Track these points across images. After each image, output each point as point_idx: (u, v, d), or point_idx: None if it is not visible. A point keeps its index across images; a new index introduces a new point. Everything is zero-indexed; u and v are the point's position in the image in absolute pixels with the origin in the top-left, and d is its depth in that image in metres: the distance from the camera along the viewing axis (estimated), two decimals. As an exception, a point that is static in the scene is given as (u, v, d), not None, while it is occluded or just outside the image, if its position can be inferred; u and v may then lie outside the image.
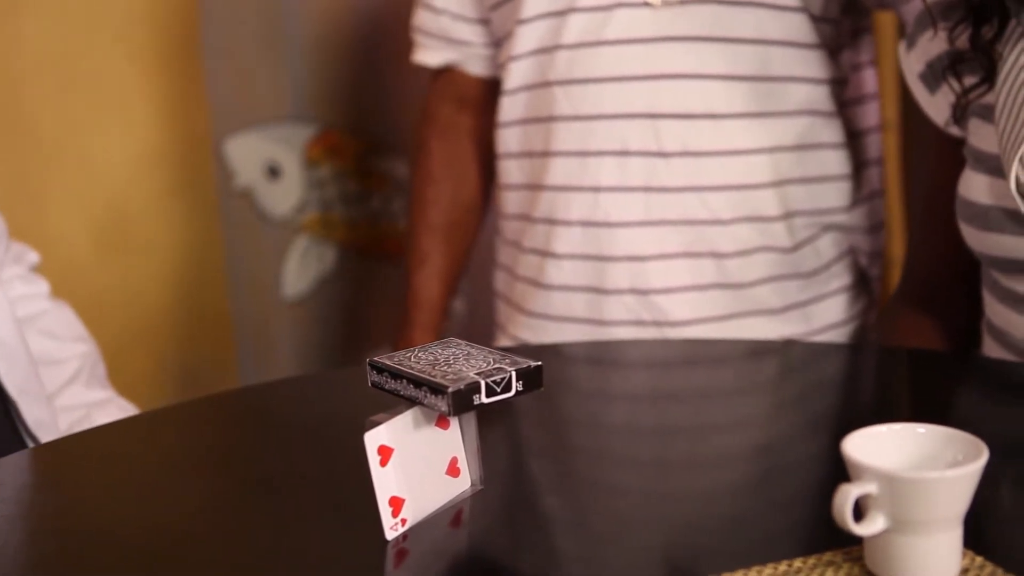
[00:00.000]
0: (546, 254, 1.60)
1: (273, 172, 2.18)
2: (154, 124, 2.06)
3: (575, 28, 1.54)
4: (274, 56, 2.14)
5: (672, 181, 1.52)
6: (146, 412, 1.30)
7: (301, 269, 2.23)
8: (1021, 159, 1.18)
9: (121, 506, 1.01)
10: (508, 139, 1.66)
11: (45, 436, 1.21)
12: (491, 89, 1.73)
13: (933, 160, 1.44)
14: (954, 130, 1.35)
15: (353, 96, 2.23)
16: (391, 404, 0.89)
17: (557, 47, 1.55)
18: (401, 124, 2.22)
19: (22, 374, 1.21)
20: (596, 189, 1.55)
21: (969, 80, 1.29)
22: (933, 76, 1.36)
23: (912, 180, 2.10)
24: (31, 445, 1.21)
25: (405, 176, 2.26)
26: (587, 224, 1.56)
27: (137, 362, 1.48)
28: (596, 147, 1.55)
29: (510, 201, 1.70)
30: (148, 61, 2.04)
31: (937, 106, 1.36)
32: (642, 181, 1.53)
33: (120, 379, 1.51)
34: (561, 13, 1.54)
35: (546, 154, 1.59)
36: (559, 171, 1.58)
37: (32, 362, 1.24)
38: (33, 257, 1.45)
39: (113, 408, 1.40)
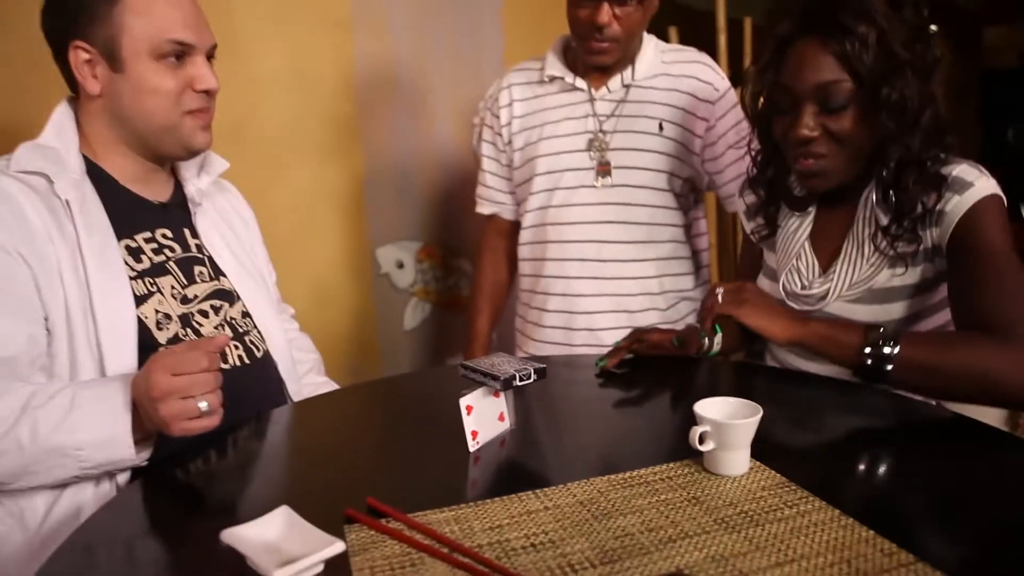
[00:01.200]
0: (543, 311, 1.60)
1: (400, 265, 2.15)
2: (342, 241, 2.03)
3: (559, 197, 1.54)
4: (402, 205, 2.11)
5: (609, 274, 1.53)
6: (343, 387, 1.31)
7: (413, 315, 2.19)
8: (784, 283, 1.18)
9: (335, 434, 1.04)
10: (524, 251, 1.64)
11: (296, 399, 1.21)
12: (516, 226, 1.70)
13: (745, 252, 1.39)
14: (755, 233, 1.31)
15: (441, 226, 2.20)
16: (466, 385, 0.92)
17: (549, 207, 1.55)
18: (466, 242, 2.21)
19: (288, 368, 1.21)
20: (568, 278, 1.55)
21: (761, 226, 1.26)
22: (747, 217, 1.32)
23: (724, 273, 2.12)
24: (282, 391, 1.21)
25: (468, 269, 2.24)
26: (564, 295, 1.56)
27: (330, 365, 1.49)
28: (569, 256, 1.55)
29: (524, 282, 1.68)
30: (340, 211, 2.01)
31: (748, 228, 1.32)
32: (592, 273, 1.53)
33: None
34: (551, 190, 1.54)
35: (543, 259, 1.59)
36: (550, 268, 1.57)
37: (293, 362, 1.24)
38: (292, 311, 1.44)
39: (327, 387, 1.36)
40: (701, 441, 0.80)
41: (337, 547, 0.65)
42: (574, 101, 1.54)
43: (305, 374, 1.33)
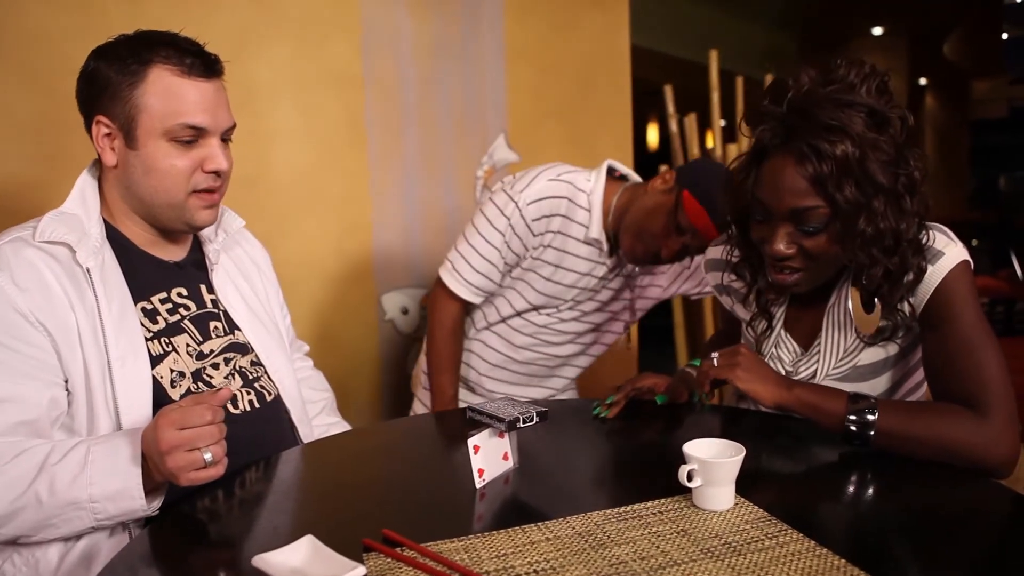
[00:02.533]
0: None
1: (404, 311, 2.18)
2: (350, 286, 2.07)
3: (559, 315, 1.69)
4: (407, 253, 2.17)
5: (564, 353, 1.73)
6: (355, 429, 1.34)
7: (415, 360, 2.16)
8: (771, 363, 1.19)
9: (349, 472, 1.09)
10: (493, 338, 1.72)
11: (307, 439, 1.24)
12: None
13: (725, 319, 1.42)
14: (735, 312, 1.32)
15: None
16: (473, 427, 0.98)
17: (549, 318, 1.70)
18: None
19: (299, 411, 1.25)
20: (535, 354, 1.72)
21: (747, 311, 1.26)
22: (719, 291, 1.34)
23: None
24: (292, 433, 1.22)
25: None
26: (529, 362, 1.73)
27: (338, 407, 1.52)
28: (542, 351, 1.72)
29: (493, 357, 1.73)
30: (348, 257, 2.07)
31: (726, 301, 1.34)
32: (554, 352, 1.72)
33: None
34: (550, 310, 1.68)
35: (528, 337, 1.71)
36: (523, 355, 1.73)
37: (303, 404, 1.27)
38: (306, 347, 1.48)
39: (339, 427, 1.38)
40: (689, 478, 0.86)
41: (359, 571, 0.72)
42: (601, 262, 1.60)
43: (317, 414, 1.37)
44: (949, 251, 1.05)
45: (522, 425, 0.97)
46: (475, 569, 0.76)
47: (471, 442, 0.96)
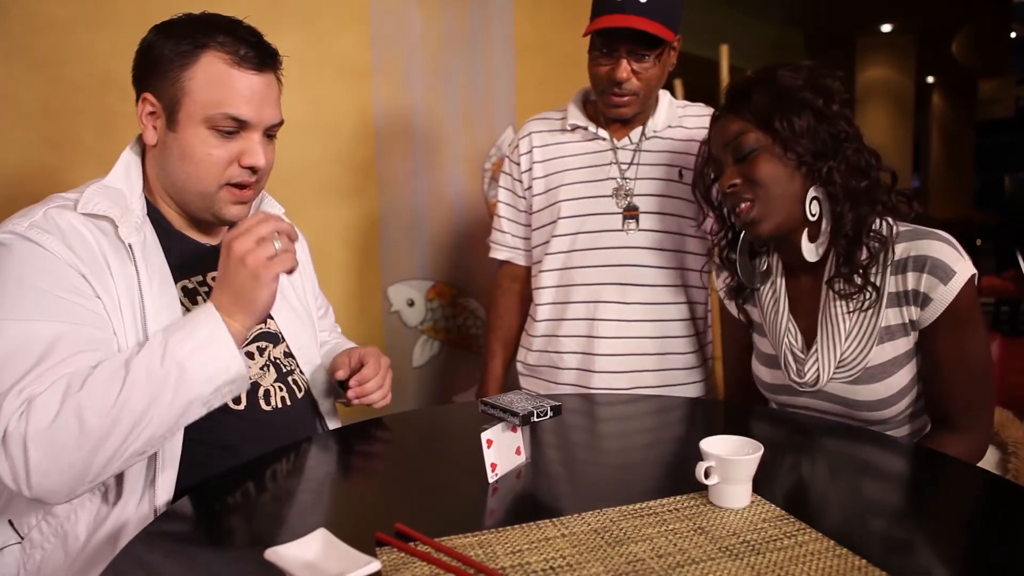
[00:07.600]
0: (562, 354, 1.60)
1: (411, 303, 2.17)
2: (356, 278, 2.07)
3: (582, 241, 1.56)
4: (414, 246, 2.16)
5: (631, 317, 1.54)
6: (364, 421, 1.29)
7: (422, 352, 2.21)
8: (785, 359, 1.23)
9: (361, 465, 1.09)
10: (545, 295, 1.63)
11: (329, 421, 1.25)
12: (528, 271, 1.72)
13: (734, 329, 1.42)
14: (742, 316, 1.35)
15: (451, 266, 2.23)
16: (485, 421, 0.97)
17: (573, 251, 1.57)
18: (475, 280, 2.25)
19: (328, 405, 1.26)
20: (592, 320, 1.56)
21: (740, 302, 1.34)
22: (727, 297, 1.38)
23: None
24: (319, 428, 1.24)
25: (476, 308, 2.27)
26: (586, 337, 1.57)
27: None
28: (594, 299, 1.56)
29: (539, 327, 1.65)
30: (355, 249, 2.06)
31: (732, 307, 1.37)
32: (616, 316, 1.55)
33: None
34: (575, 234, 1.57)
35: (567, 303, 1.59)
36: (572, 311, 1.58)
37: (328, 396, 1.27)
38: (333, 315, 1.50)
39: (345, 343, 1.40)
40: (707, 475, 0.85)
41: (373, 566, 0.71)
42: (596, 149, 1.58)
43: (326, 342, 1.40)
44: (960, 268, 1.09)
45: (536, 419, 0.96)
46: (490, 565, 0.75)
47: (484, 436, 0.95)
